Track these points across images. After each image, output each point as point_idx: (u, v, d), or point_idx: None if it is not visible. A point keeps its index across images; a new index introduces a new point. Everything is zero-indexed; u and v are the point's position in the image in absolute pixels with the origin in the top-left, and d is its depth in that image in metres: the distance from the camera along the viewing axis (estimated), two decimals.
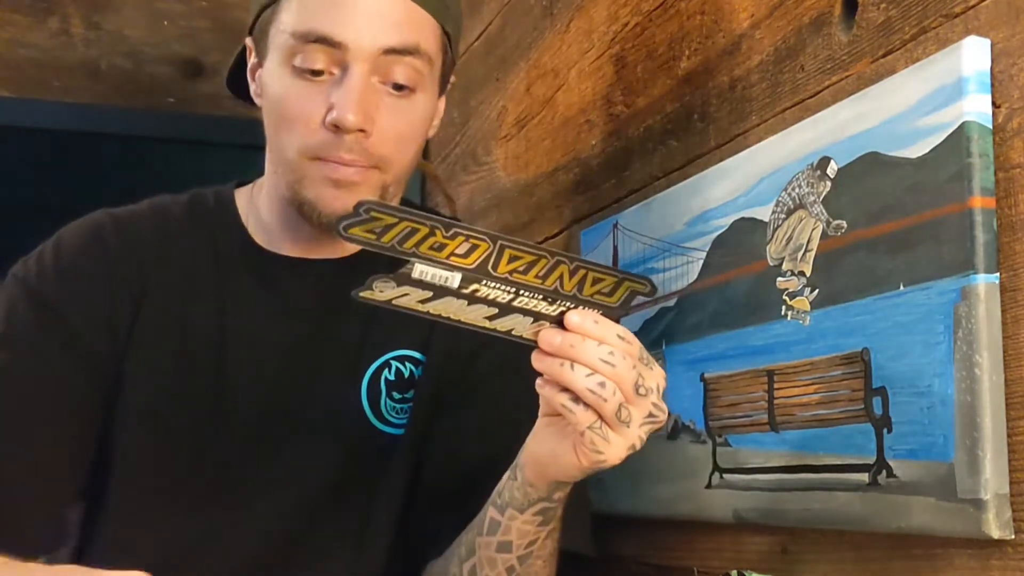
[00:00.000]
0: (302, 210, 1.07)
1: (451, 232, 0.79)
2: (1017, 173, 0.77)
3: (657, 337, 1.14)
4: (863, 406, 0.87)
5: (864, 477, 0.86)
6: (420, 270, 0.79)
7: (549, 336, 0.83)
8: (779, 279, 0.97)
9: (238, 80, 1.15)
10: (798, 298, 0.94)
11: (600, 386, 0.82)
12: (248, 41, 1.11)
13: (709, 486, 1.05)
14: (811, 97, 0.98)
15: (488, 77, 1.70)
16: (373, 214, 0.76)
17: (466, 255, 0.80)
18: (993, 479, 0.75)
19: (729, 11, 1.10)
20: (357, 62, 1.01)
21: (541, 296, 0.82)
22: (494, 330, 0.84)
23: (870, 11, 0.91)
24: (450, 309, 0.82)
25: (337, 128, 1.01)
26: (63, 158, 1.94)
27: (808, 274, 0.93)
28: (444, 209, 1.62)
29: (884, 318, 0.85)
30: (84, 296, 1.08)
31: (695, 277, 1.09)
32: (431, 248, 0.79)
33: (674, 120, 1.19)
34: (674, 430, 1.11)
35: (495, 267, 0.80)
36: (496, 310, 0.82)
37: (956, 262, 0.78)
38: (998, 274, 0.77)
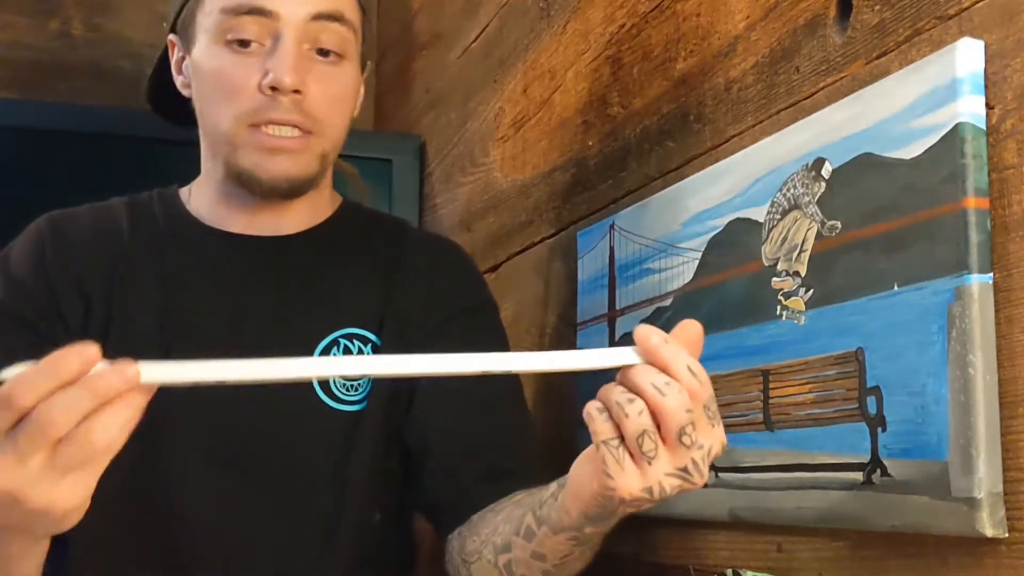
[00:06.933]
0: (240, 180, 1.11)
1: None
2: (1011, 174, 0.78)
3: None
4: (857, 405, 0.87)
5: (859, 476, 0.86)
6: None
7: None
8: (774, 279, 0.97)
9: (160, 98, 1.22)
10: (793, 298, 0.95)
11: (628, 402, 0.73)
12: (171, 38, 1.16)
13: (705, 485, 1.05)
14: (806, 98, 0.98)
15: (485, 79, 1.71)
16: None
17: None
18: (987, 478, 0.76)
19: (725, 13, 1.10)
20: (288, 29, 1.07)
21: None
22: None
23: (864, 13, 0.92)
24: None
25: (274, 90, 1.06)
26: (64, 159, 1.94)
27: (803, 274, 0.94)
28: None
29: (878, 318, 0.85)
30: (32, 296, 1.13)
31: (691, 277, 1.10)
32: None
33: (670, 121, 1.19)
34: None
35: None
36: None
37: (950, 262, 0.79)
38: (992, 274, 0.78)
